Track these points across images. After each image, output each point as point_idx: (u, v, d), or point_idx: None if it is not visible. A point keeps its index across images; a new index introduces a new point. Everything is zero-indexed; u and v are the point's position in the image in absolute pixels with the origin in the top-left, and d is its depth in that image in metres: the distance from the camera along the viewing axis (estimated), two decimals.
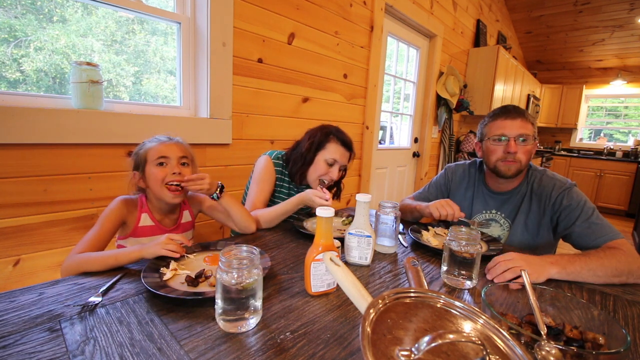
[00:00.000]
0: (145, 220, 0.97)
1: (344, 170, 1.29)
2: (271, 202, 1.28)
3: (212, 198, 0.99)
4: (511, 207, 1.19)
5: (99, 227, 0.88)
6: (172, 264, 0.76)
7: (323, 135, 1.23)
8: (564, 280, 0.83)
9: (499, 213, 1.22)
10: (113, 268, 0.76)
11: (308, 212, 1.30)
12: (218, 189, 0.98)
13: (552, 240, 1.15)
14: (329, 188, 1.32)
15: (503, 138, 1.12)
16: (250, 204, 1.19)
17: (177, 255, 0.79)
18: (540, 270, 0.81)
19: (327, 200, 1.03)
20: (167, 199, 0.94)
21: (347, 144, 1.24)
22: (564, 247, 1.17)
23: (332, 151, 1.22)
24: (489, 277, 0.82)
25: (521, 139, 1.10)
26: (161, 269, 0.74)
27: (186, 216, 1.07)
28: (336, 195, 1.39)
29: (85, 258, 0.77)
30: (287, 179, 1.29)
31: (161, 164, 0.94)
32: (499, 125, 1.13)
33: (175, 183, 0.93)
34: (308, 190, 1.08)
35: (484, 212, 1.25)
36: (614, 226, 0.98)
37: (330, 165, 1.22)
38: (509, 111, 1.13)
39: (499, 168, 1.14)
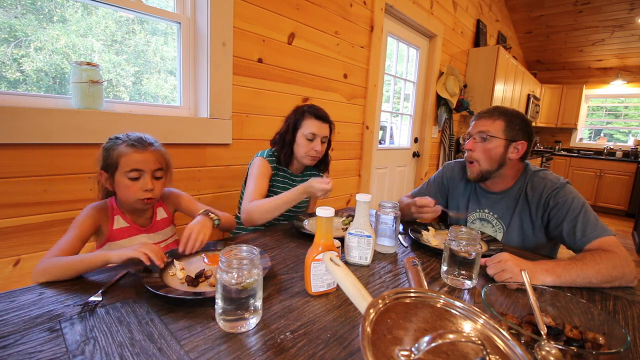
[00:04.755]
0: (118, 222, 0.93)
1: (326, 142, 1.34)
2: (268, 196, 1.29)
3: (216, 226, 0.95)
4: (504, 208, 1.17)
5: (71, 233, 0.83)
6: (177, 264, 0.76)
7: (298, 114, 1.29)
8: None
9: (490, 213, 1.20)
10: (81, 274, 0.71)
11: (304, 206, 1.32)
12: (215, 220, 0.93)
13: (545, 241, 1.12)
14: (318, 163, 1.38)
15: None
16: (248, 196, 1.20)
17: (156, 263, 0.71)
18: (532, 277, 0.79)
19: (327, 184, 1.06)
20: (138, 207, 0.92)
21: (321, 116, 1.28)
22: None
23: (308, 126, 1.27)
24: (489, 271, 0.82)
25: (480, 136, 1.10)
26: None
27: (161, 213, 1.03)
28: (325, 169, 1.45)
29: (52, 263, 0.71)
30: (281, 172, 1.33)
31: (134, 178, 0.88)
32: (472, 123, 1.15)
33: (147, 197, 0.90)
34: (311, 179, 1.10)
35: (477, 210, 1.24)
36: (611, 225, 0.98)
37: (311, 140, 1.27)
38: (483, 111, 1.14)
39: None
